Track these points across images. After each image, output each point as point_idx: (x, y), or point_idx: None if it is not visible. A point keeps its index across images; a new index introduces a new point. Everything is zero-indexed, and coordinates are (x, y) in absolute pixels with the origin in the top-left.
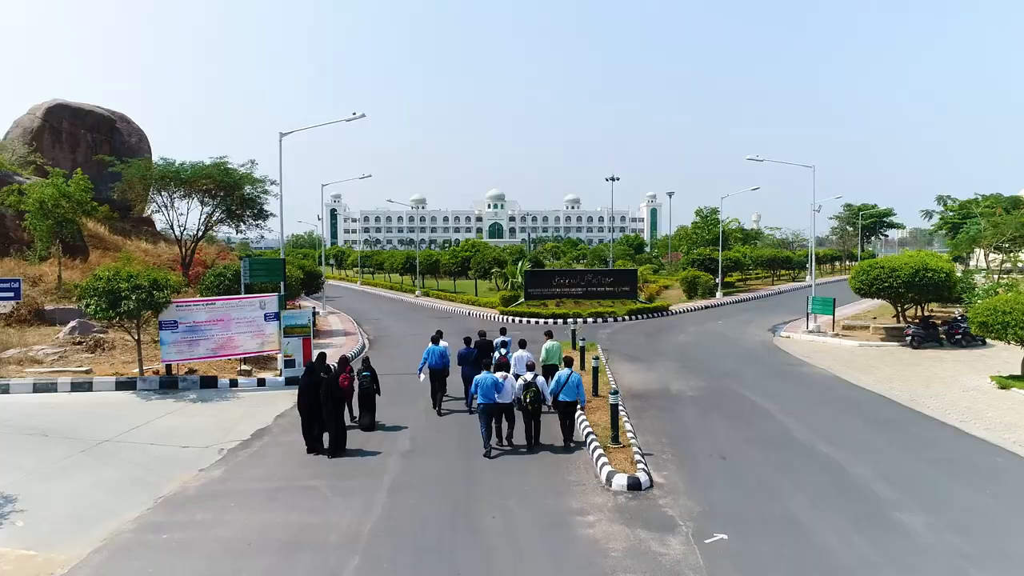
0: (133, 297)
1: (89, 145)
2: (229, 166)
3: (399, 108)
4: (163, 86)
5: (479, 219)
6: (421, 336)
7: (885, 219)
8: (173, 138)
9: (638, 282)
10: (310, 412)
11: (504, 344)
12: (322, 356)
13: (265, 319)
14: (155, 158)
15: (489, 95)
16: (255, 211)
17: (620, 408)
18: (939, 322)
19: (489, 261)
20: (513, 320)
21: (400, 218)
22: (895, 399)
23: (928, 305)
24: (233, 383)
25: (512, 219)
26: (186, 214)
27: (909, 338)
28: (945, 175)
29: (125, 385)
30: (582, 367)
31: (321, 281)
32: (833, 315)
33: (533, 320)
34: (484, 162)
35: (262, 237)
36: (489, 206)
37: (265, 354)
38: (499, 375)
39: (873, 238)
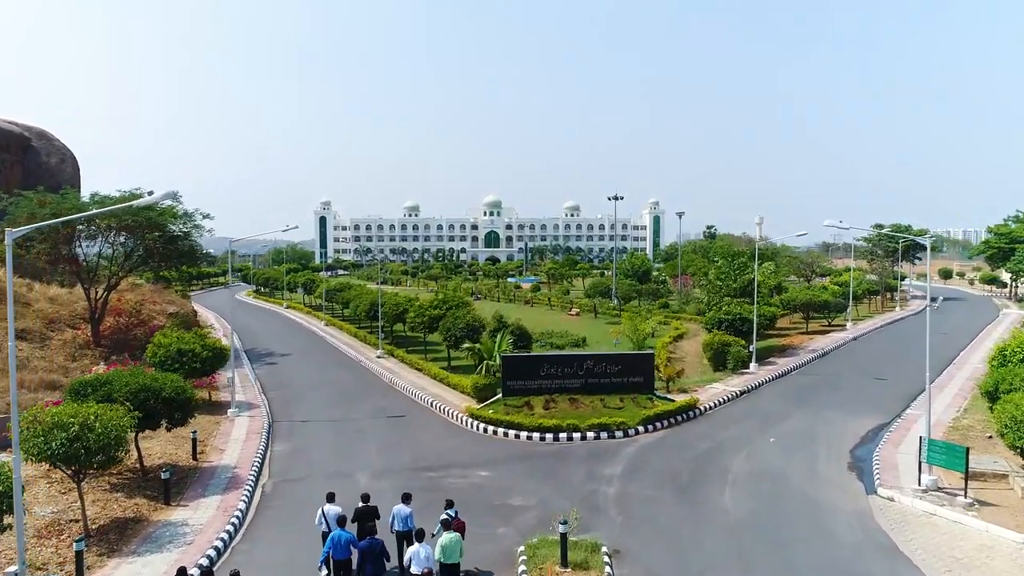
0: None
1: None
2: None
3: (395, 112)
4: (150, 97)
5: (475, 227)
6: (348, 480)
7: (917, 239)
8: (151, 155)
9: (655, 363)
10: None
11: (404, 525)
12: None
13: None
14: (84, 183)
15: (488, 98)
16: (183, 250)
17: None
18: None
19: (461, 328)
20: (485, 431)
21: (392, 226)
22: None
23: None
24: None
25: (509, 227)
26: (97, 257)
27: None
28: (939, 178)
29: None
30: None
31: (192, 408)
32: (966, 472)
33: (512, 433)
34: (481, 167)
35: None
36: (485, 214)
37: None
38: None
39: (904, 261)
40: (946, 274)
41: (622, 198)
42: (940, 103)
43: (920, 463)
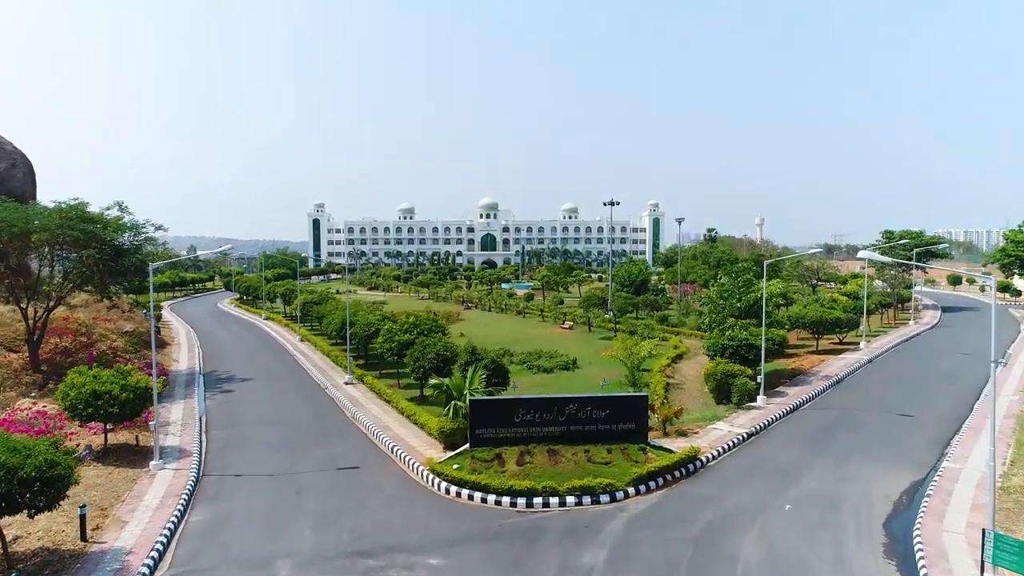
0: None
1: None
2: (89, 211)
3: (393, 112)
4: (150, 97)
5: (471, 229)
6: (264, 572)
7: (931, 248)
8: (151, 155)
9: (648, 406)
10: None
11: None
12: None
13: None
14: (83, 184)
15: (486, 98)
16: (133, 264)
17: None
18: None
19: (430, 359)
20: (447, 491)
21: (387, 229)
22: None
23: None
24: None
25: (506, 230)
26: (37, 273)
27: None
28: (938, 177)
29: None
30: None
31: (66, 486)
32: None
33: (478, 496)
34: (478, 169)
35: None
36: (481, 216)
37: None
38: None
39: (914, 270)
40: (955, 280)
41: (618, 203)
42: (941, 102)
43: (983, 561)
